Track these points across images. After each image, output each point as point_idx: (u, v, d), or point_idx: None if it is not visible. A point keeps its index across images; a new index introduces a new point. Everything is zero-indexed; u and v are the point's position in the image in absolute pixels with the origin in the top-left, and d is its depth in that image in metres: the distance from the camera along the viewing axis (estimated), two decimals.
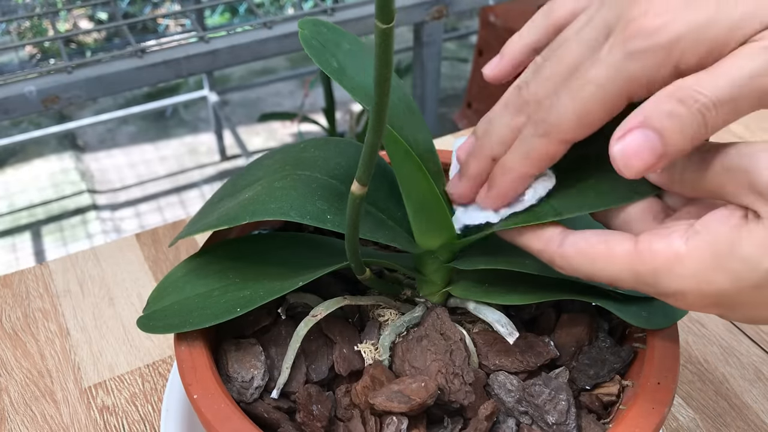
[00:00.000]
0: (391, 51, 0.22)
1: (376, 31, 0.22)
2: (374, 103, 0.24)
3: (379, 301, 0.36)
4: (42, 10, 1.38)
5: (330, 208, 0.33)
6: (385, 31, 0.22)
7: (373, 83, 0.23)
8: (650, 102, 0.25)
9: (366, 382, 0.32)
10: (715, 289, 0.25)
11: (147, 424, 0.47)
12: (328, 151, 0.37)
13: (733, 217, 0.24)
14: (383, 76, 0.23)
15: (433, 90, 1.19)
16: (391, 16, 0.21)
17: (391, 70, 0.23)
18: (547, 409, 0.32)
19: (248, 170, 0.38)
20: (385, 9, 0.21)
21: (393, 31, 0.22)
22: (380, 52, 0.22)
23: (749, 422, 0.46)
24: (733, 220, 0.24)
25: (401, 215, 0.36)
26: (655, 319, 0.34)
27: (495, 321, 0.33)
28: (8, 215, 1.83)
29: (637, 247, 0.26)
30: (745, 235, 0.24)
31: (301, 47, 0.34)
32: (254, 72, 2.38)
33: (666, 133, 0.24)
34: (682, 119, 0.24)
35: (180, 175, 1.98)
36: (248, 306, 0.32)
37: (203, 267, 0.36)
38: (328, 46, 0.34)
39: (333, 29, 0.35)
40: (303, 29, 0.34)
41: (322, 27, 0.35)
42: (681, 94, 0.24)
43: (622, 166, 0.25)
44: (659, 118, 0.24)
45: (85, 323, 0.53)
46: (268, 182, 0.34)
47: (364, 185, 0.27)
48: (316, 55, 0.33)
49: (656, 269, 0.26)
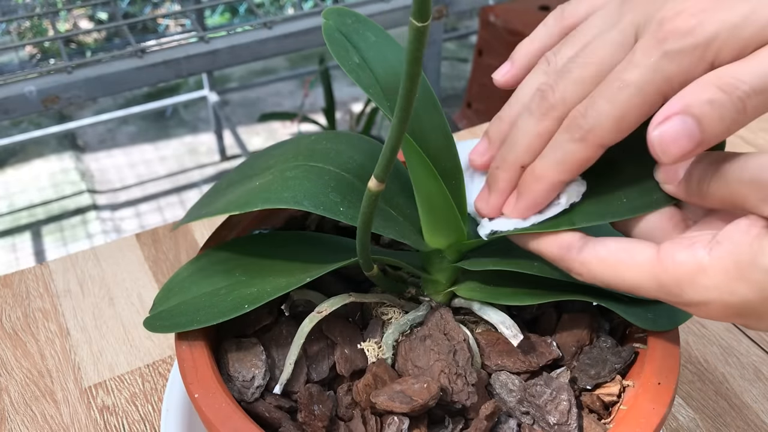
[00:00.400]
0: (423, 50, 0.22)
1: (411, 29, 0.22)
2: (400, 100, 0.24)
3: (383, 299, 0.36)
4: (42, 10, 1.38)
5: (343, 200, 0.32)
6: (420, 30, 0.22)
7: (402, 81, 0.23)
8: (690, 89, 0.25)
9: (368, 380, 0.32)
10: (738, 299, 0.25)
11: (147, 424, 0.47)
12: (341, 144, 0.36)
13: (754, 228, 0.25)
14: (413, 73, 0.23)
15: (433, 90, 1.19)
16: (428, 14, 0.21)
17: (421, 69, 0.23)
18: (548, 410, 0.32)
19: (257, 159, 0.37)
20: (422, 7, 0.21)
21: (428, 30, 0.22)
22: (412, 50, 0.22)
23: (749, 422, 0.46)
24: (755, 230, 0.24)
25: (411, 213, 0.35)
26: (660, 320, 0.34)
27: (499, 322, 0.33)
28: (8, 215, 1.83)
29: (659, 256, 0.26)
30: (766, 245, 0.24)
31: (301, 47, 0.33)
32: (254, 72, 2.38)
33: (705, 120, 0.24)
34: (722, 106, 0.24)
35: (180, 175, 1.98)
36: (256, 302, 0.32)
37: (208, 267, 0.36)
38: (351, 37, 0.34)
39: (358, 19, 0.35)
40: (327, 19, 0.34)
41: (347, 17, 0.35)
42: (721, 82, 0.24)
43: (660, 151, 0.25)
44: (699, 104, 0.24)
45: (85, 323, 0.53)
46: (280, 171, 0.34)
47: (382, 182, 0.27)
48: (337, 51, 0.33)
49: (680, 279, 0.26)
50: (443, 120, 0.35)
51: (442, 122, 0.35)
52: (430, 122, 0.35)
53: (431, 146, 0.35)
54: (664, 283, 0.26)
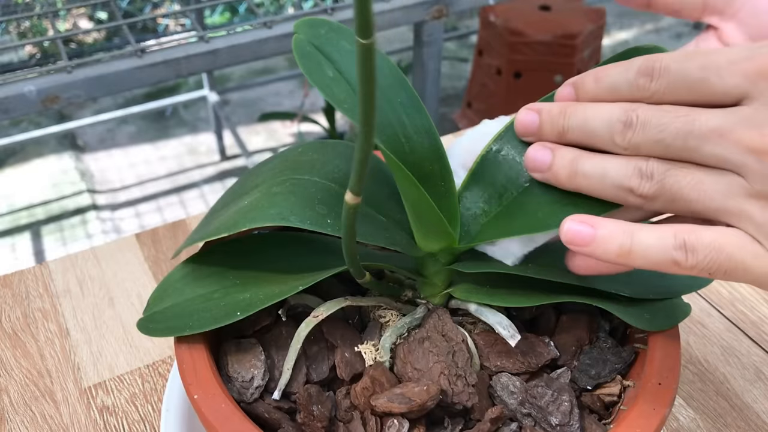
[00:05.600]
0: (374, 67, 0.22)
1: (358, 48, 0.21)
2: (361, 118, 0.24)
3: (380, 302, 0.36)
4: (42, 9, 1.38)
5: (330, 212, 0.32)
6: (366, 47, 0.21)
7: (358, 102, 0.23)
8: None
9: (366, 383, 0.32)
10: None
11: (147, 424, 0.47)
12: (326, 154, 0.36)
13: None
14: (368, 92, 0.22)
15: (433, 90, 1.19)
16: (371, 30, 0.21)
17: (375, 87, 0.23)
18: (550, 411, 0.31)
19: (247, 178, 0.37)
20: (364, 24, 0.20)
21: (375, 46, 0.21)
22: (362, 69, 0.22)
23: (749, 422, 0.46)
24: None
25: (402, 218, 0.35)
26: (657, 320, 0.34)
27: (497, 323, 0.33)
28: (8, 215, 1.83)
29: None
30: None
31: None
32: (254, 72, 2.38)
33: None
34: None
35: (180, 175, 1.98)
36: (248, 310, 0.32)
37: (203, 268, 0.36)
38: (325, 49, 0.34)
39: (332, 28, 0.34)
40: (298, 33, 0.33)
41: (320, 28, 0.34)
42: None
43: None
44: None
45: (84, 323, 0.53)
46: (267, 188, 0.34)
47: (358, 195, 0.27)
48: (308, 66, 0.32)
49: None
50: (429, 122, 0.35)
51: (427, 124, 0.35)
52: (414, 125, 0.35)
53: (416, 150, 0.34)
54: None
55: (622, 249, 0.28)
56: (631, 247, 0.28)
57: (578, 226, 0.29)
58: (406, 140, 0.35)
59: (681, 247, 0.27)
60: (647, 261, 0.28)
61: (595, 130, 0.30)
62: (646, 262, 0.28)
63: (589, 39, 1.78)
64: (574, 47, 1.73)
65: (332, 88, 0.32)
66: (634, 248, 0.28)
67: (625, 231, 0.28)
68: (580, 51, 1.75)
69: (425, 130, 0.35)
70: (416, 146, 0.35)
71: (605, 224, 0.28)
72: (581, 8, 1.84)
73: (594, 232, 0.28)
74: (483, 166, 0.34)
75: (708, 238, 0.27)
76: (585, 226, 0.29)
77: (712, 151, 0.27)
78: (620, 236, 0.28)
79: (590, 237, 0.28)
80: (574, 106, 0.31)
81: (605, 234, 0.28)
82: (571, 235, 0.29)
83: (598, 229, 0.28)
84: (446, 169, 0.35)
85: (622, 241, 0.28)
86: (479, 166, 0.34)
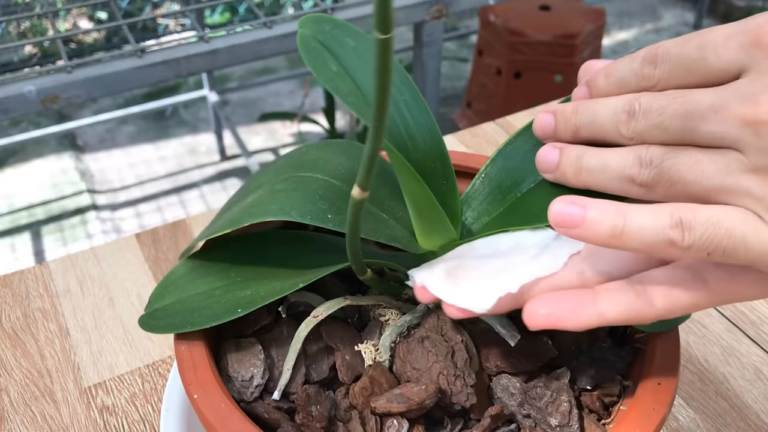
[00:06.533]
0: (391, 61, 0.22)
1: (375, 42, 0.21)
2: (375, 111, 0.24)
3: (380, 301, 0.36)
4: (42, 9, 1.38)
5: (331, 207, 0.32)
6: (384, 42, 0.21)
7: (374, 92, 0.23)
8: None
9: (365, 383, 0.32)
10: None
11: (147, 424, 0.47)
12: (330, 153, 0.37)
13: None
14: (383, 85, 0.23)
15: (433, 90, 1.19)
16: (390, 26, 0.21)
17: (391, 80, 0.23)
18: (549, 411, 0.31)
19: (253, 179, 0.38)
20: (384, 19, 0.21)
21: (392, 41, 0.21)
22: (379, 62, 0.22)
23: (749, 422, 0.46)
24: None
25: (403, 215, 0.35)
26: (657, 321, 0.33)
27: (496, 323, 0.33)
28: (8, 215, 1.83)
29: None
30: None
31: None
32: (254, 72, 2.38)
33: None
34: None
35: (180, 175, 1.98)
36: (249, 307, 0.32)
37: (205, 265, 0.36)
38: (330, 45, 0.34)
39: (337, 25, 0.35)
40: (303, 28, 0.34)
41: (325, 24, 0.34)
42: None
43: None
44: None
45: (84, 323, 0.53)
46: (270, 185, 0.34)
47: (365, 190, 0.27)
48: (313, 61, 0.32)
49: None
50: (431, 120, 0.35)
51: (430, 123, 0.35)
52: (417, 124, 0.35)
53: (419, 147, 0.35)
54: None
55: (614, 230, 0.26)
56: (623, 228, 0.26)
57: (567, 207, 0.27)
58: (409, 138, 0.35)
59: (677, 225, 0.26)
60: (642, 242, 0.26)
61: (603, 124, 0.30)
62: (641, 244, 0.26)
63: (589, 39, 1.78)
64: (574, 47, 1.73)
65: (337, 82, 0.33)
66: (627, 229, 0.26)
67: (618, 211, 0.27)
68: (580, 51, 1.75)
69: (428, 128, 0.35)
70: (419, 144, 0.35)
71: (596, 204, 0.27)
72: (581, 8, 1.84)
73: (584, 213, 0.27)
74: (492, 169, 0.35)
75: (705, 214, 0.26)
76: (575, 207, 0.27)
77: (710, 129, 0.26)
78: (612, 216, 0.26)
79: (580, 218, 0.27)
80: (585, 104, 0.31)
81: (596, 215, 0.26)
82: (560, 216, 0.27)
83: (589, 210, 0.27)
84: (448, 167, 0.35)
85: (614, 221, 0.26)
86: (488, 168, 0.35)
